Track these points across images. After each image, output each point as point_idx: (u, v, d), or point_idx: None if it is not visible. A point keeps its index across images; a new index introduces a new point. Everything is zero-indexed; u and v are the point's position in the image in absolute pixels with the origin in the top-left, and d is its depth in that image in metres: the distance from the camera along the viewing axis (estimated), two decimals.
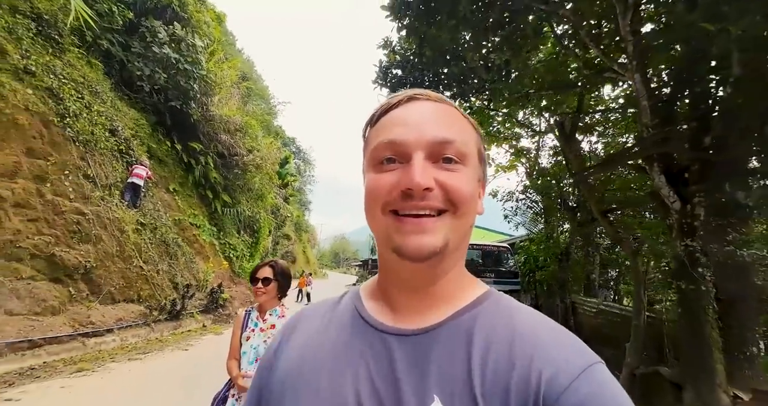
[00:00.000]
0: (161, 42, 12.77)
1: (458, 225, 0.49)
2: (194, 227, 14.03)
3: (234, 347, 2.17)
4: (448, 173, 0.48)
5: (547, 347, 0.44)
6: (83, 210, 7.86)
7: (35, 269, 6.62)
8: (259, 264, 2.29)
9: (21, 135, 7.23)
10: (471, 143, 0.52)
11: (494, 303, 0.51)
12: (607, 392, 0.41)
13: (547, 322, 0.48)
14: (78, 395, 4.45)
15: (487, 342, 0.45)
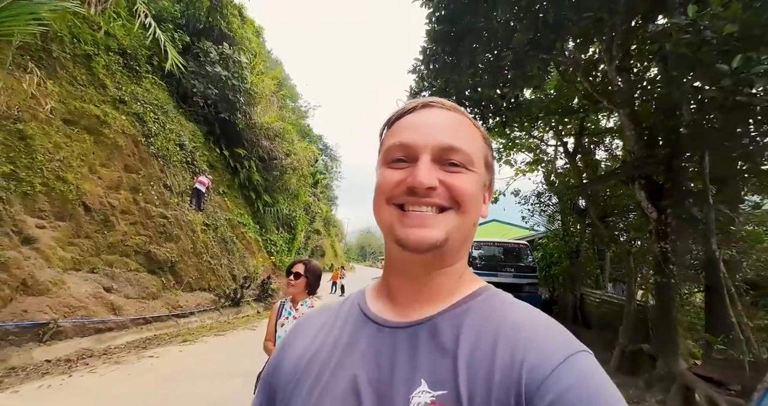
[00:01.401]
0: (213, 61, 14.47)
1: (460, 223, 0.52)
2: (242, 225, 15.82)
3: (270, 331, 2.55)
4: (452, 175, 0.52)
5: (531, 338, 0.45)
6: (166, 214, 9.62)
7: (138, 262, 8.40)
8: (295, 260, 2.66)
9: (120, 154, 9.00)
10: (477, 152, 0.56)
11: (489, 298, 0.54)
12: (591, 382, 0.41)
13: (537, 315, 0.50)
14: (194, 356, 6.09)
15: (476, 333, 0.48)
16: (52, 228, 6.82)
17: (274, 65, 26.84)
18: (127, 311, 7.27)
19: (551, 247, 10.61)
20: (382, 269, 0.64)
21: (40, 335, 5.43)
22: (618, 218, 6.98)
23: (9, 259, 5.63)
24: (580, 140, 6.96)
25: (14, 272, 5.63)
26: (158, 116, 10.83)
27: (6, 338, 5.04)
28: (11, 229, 5.99)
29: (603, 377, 0.43)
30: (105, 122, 8.79)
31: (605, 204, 6.95)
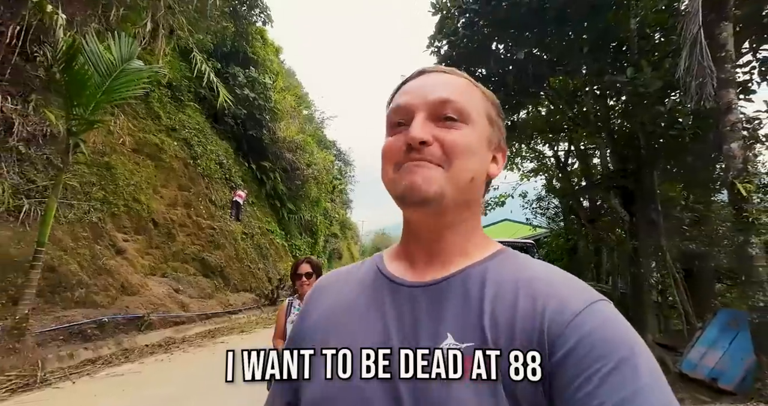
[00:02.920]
0: (241, 84, 16.09)
1: (455, 178, 0.51)
2: (270, 233, 17.41)
3: (279, 329, 2.60)
4: (447, 130, 0.51)
5: (552, 286, 0.46)
6: (213, 226, 11.22)
7: (195, 268, 9.98)
8: (297, 262, 2.71)
9: (175, 176, 10.62)
10: (476, 104, 0.54)
11: (508, 257, 0.54)
12: (614, 324, 0.42)
13: (556, 270, 0.50)
14: (255, 342, 7.58)
15: (496, 287, 0.48)
16: (133, 241, 8.43)
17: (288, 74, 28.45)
18: (192, 308, 8.83)
19: (554, 245, 11.83)
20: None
21: (139, 326, 6.99)
22: (603, 220, 8.20)
23: (111, 267, 7.23)
24: (568, 154, 8.20)
25: (116, 276, 7.22)
26: (201, 139, 12.47)
27: (118, 328, 6.60)
28: (108, 243, 7.59)
29: (625, 322, 0.44)
30: (162, 149, 10.43)
31: (592, 208, 8.18)
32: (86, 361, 5.64)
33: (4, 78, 6.40)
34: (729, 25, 3.87)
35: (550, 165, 11.07)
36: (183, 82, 12.71)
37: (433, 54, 6.43)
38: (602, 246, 10.71)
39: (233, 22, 15.39)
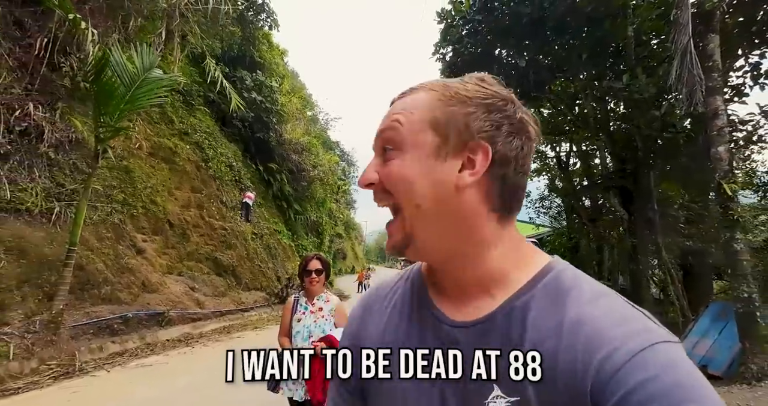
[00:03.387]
0: (248, 87, 16.48)
1: (408, 213, 0.47)
2: (277, 233, 17.78)
3: (284, 326, 2.51)
4: (384, 165, 0.49)
5: (598, 331, 0.40)
6: (225, 226, 11.60)
7: (209, 267, 10.36)
8: (306, 258, 2.59)
9: (188, 178, 11.01)
10: (416, 120, 0.48)
11: (552, 282, 0.47)
12: (672, 373, 0.36)
13: (606, 301, 0.43)
14: (269, 337, 7.93)
15: (538, 333, 0.44)
16: (151, 241, 8.82)
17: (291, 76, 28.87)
18: (207, 305, 9.21)
19: (556, 244, 12.13)
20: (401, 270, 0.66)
21: (160, 322, 7.37)
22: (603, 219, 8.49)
23: (133, 265, 7.61)
24: (569, 155, 8.52)
25: (137, 275, 7.61)
26: (211, 142, 12.87)
27: (141, 323, 6.98)
28: (129, 243, 7.98)
29: (686, 371, 0.37)
30: (176, 152, 10.82)
31: (593, 207, 8.48)
32: (114, 354, 6.02)
33: (33, 88, 6.80)
34: (716, 36, 4.18)
35: (552, 165, 11.39)
36: (194, 87, 13.11)
37: (439, 61, 6.78)
38: (603, 244, 11.00)
39: (240, 26, 15.79)
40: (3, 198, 5.60)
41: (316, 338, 2.36)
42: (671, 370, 0.37)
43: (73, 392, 4.20)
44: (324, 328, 2.44)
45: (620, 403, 0.36)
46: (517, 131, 0.48)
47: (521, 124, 0.48)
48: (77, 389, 4.30)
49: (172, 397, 3.94)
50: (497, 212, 0.48)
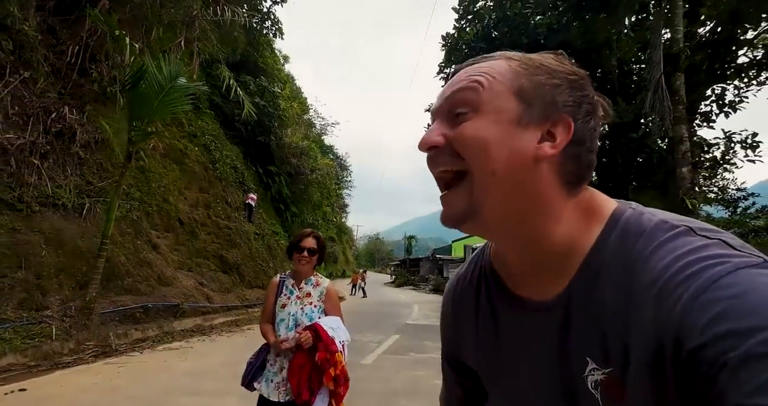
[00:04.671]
0: (252, 92, 17.09)
1: (479, 180, 0.44)
2: (275, 234, 18.31)
3: (267, 311, 2.23)
4: (455, 127, 0.46)
5: (669, 278, 0.38)
6: (230, 226, 12.15)
7: (215, 264, 10.90)
8: (302, 233, 2.29)
9: (196, 179, 11.57)
10: (495, 85, 0.46)
11: (619, 244, 0.44)
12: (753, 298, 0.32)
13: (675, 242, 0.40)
14: None
15: (615, 297, 0.42)
16: (164, 238, 9.36)
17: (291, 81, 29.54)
18: (215, 300, 9.75)
19: None
20: (391, 274, 1.71)
21: (175, 313, 7.91)
22: None
23: (150, 260, 8.15)
24: None
25: (153, 269, 8.15)
26: (218, 145, 13.45)
27: (159, 313, 7.52)
28: (146, 239, 8.52)
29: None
30: (185, 154, 11.39)
31: None
32: (137, 340, 6.56)
33: (66, 92, 7.36)
34: (681, 75, 4.99)
35: None
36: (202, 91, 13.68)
37: (443, 79, 7.48)
38: None
39: (245, 32, 16.44)
40: (44, 194, 6.15)
41: (303, 328, 2.09)
42: (755, 290, 0.32)
43: (120, 367, 4.77)
44: (312, 316, 2.16)
45: (693, 335, 0.33)
46: (593, 111, 0.47)
47: (596, 105, 0.47)
48: (122, 365, 4.86)
49: (213, 369, 4.52)
50: (569, 187, 0.46)
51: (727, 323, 0.32)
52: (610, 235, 0.45)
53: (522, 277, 0.52)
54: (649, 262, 0.40)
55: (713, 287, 0.34)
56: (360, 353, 6.41)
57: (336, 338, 2.07)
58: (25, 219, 5.80)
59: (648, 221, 0.44)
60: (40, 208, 6.06)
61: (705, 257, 0.37)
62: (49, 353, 5.08)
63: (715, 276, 0.35)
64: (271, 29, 17.70)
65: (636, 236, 0.43)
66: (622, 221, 0.45)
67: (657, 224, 0.43)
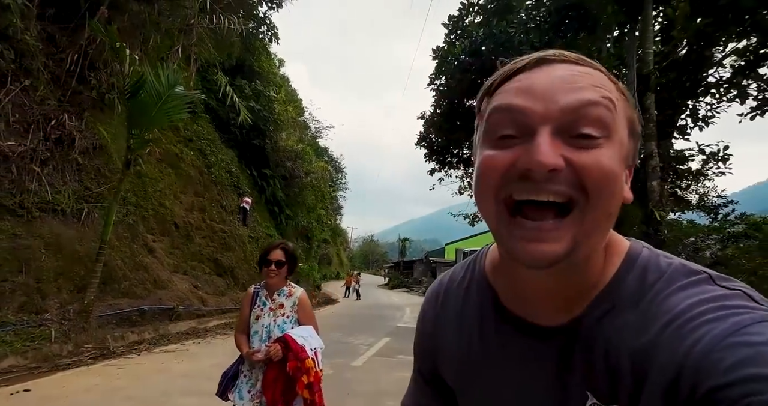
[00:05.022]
0: (247, 96, 17.28)
1: (594, 221, 0.39)
2: (270, 237, 18.46)
3: (242, 322, 2.28)
4: (582, 151, 0.38)
5: (685, 322, 0.37)
6: (224, 229, 12.34)
7: (210, 268, 11.08)
8: (270, 246, 2.30)
9: (191, 183, 11.75)
10: (619, 115, 0.40)
11: (636, 275, 0.43)
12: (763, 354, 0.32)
13: (694, 289, 0.40)
14: None
15: (628, 334, 0.41)
16: (159, 242, 9.54)
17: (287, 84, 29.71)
18: (210, 303, 9.94)
19: None
20: (387, 277, 1.80)
21: (170, 316, 8.09)
22: None
23: (146, 264, 8.33)
24: None
25: (149, 272, 8.33)
26: (213, 149, 13.63)
27: (154, 316, 7.70)
28: (142, 243, 8.70)
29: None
30: (181, 158, 11.57)
31: None
32: (133, 342, 6.74)
33: (65, 99, 7.54)
34: (652, 95, 5.31)
35: None
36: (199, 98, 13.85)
37: (433, 90, 7.80)
38: None
39: (241, 39, 16.64)
40: (44, 199, 6.33)
41: (272, 340, 2.12)
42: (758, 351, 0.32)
43: (119, 368, 4.97)
44: (284, 327, 2.18)
45: (714, 374, 0.33)
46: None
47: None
48: (121, 366, 5.06)
49: (206, 371, 4.71)
50: None
51: (756, 367, 0.31)
52: (628, 272, 0.44)
53: (531, 300, 0.48)
54: (669, 303, 0.39)
55: (741, 332, 0.34)
56: (351, 355, 6.64)
57: (307, 345, 2.09)
58: (26, 224, 5.98)
59: (667, 265, 0.43)
60: (40, 213, 6.24)
61: (729, 305, 0.37)
62: (48, 355, 5.27)
63: (743, 322, 0.35)
64: (267, 34, 17.91)
65: (656, 277, 0.42)
66: (641, 259, 0.45)
67: (677, 267, 0.43)
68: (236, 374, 2.23)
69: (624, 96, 0.43)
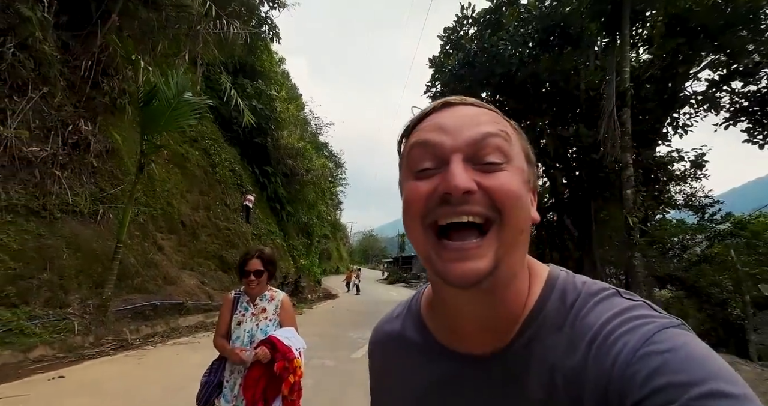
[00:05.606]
0: (249, 95, 17.65)
1: (510, 237, 0.44)
2: (270, 233, 18.96)
3: (222, 326, 2.31)
4: (491, 175, 0.44)
5: (607, 334, 0.41)
6: (228, 227, 12.82)
7: (215, 264, 11.58)
8: (246, 256, 2.31)
9: (197, 182, 12.20)
10: (515, 144, 0.48)
11: (560, 302, 0.47)
12: (682, 351, 0.37)
13: (608, 302, 0.45)
14: None
15: (555, 354, 0.44)
16: (168, 240, 10.02)
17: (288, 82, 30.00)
18: (216, 298, 10.44)
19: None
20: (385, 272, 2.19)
21: (180, 310, 8.60)
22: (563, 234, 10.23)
23: (156, 261, 8.82)
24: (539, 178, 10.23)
25: (160, 269, 8.82)
26: (217, 149, 14.06)
27: (165, 311, 8.21)
28: (152, 241, 9.18)
29: (701, 344, 0.39)
30: (187, 158, 12.01)
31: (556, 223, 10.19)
32: (147, 335, 7.26)
33: (80, 105, 7.97)
34: (628, 110, 5.76)
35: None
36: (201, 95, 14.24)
37: (429, 98, 8.23)
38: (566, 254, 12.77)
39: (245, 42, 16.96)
40: (64, 202, 6.79)
41: (258, 342, 2.18)
42: (683, 347, 0.37)
43: (138, 358, 5.47)
44: (267, 331, 2.24)
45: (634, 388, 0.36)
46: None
47: None
48: (140, 357, 5.57)
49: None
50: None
51: (664, 376, 0.35)
52: (549, 296, 0.47)
53: (463, 331, 0.51)
54: (588, 320, 0.43)
55: (649, 342, 0.38)
56: (350, 348, 7.16)
57: (292, 346, 2.14)
58: (49, 225, 6.45)
59: (581, 284, 0.48)
60: (61, 215, 6.70)
61: (636, 316, 0.41)
62: (73, 346, 5.77)
63: (649, 333, 0.39)
64: (269, 34, 18.23)
65: (574, 297, 0.46)
66: (559, 282, 0.48)
67: (589, 286, 0.47)
68: (220, 383, 2.24)
69: (517, 131, 0.50)
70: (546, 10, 6.48)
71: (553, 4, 6.49)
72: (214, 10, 10.03)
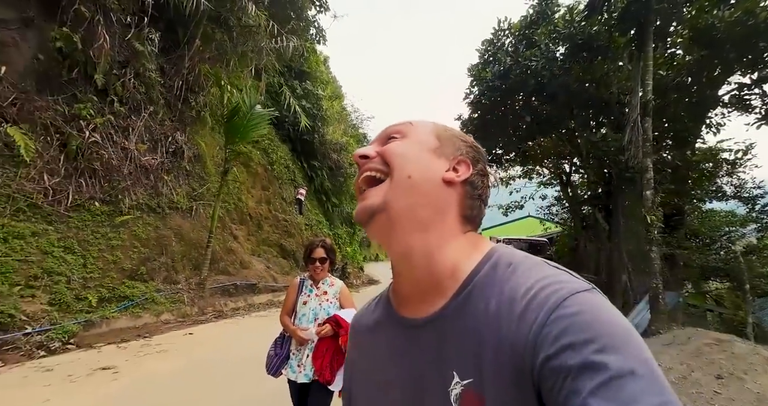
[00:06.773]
0: (298, 96, 19.16)
1: (400, 187, 0.54)
2: (319, 223, 20.62)
3: (288, 306, 2.63)
4: (386, 145, 0.59)
5: (531, 297, 0.45)
6: (285, 218, 14.49)
7: (276, 251, 13.29)
8: (312, 245, 2.63)
9: (259, 179, 13.89)
10: (422, 129, 0.61)
11: (491, 270, 0.52)
12: (589, 314, 0.41)
13: (535, 269, 0.49)
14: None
15: (484, 314, 0.48)
16: (239, 230, 11.76)
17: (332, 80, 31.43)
18: (280, 280, 12.13)
19: (562, 244, 14.44)
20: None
21: (254, 290, 10.29)
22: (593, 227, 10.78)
23: (233, 248, 10.54)
24: (570, 173, 10.86)
25: (236, 255, 10.54)
26: (273, 148, 15.72)
27: (243, 290, 9.91)
28: (229, 232, 10.90)
29: (611, 308, 0.43)
30: (250, 158, 13.70)
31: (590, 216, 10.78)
32: (233, 309, 8.95)
33: (175, 119, 9.67)
34: (649, 119, 6.40)
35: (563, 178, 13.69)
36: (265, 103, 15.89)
37: (469, 105, 9.18)
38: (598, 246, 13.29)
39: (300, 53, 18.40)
40: (171, 200, 8.52)
41: (321, 320, 2.45)
42: (591, 309, 0.42)
43: (234, 324, 7.09)
44: (329, 310, 2.52)
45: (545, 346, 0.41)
46: (485, 172, 0.61)
47: (486, 174, 0.61)
48: (235, 324, 7.17)
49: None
50: (464, 220, 0.57)
51: (569, 336, 0.40)
52: (484, 264, 0.53)
53: (407, 296, 0.58)
54: (511, 284, 0.48)
55: (561, 306, 0.42)
56: None
57: None
58: (162, 219, 8.19)
59: (515, 255, 0.54)
60: (169, 211, 8.44)
61: (556, 281, 0.46)
62: (185, 313, 7.49)
63: (562, 297, 0.43)
64: (316, 37, 19.55)
65: (505, 265, 0.52)
66: (496, 254, 0.54)
67: (521, 257, 0.53)
68: (288, 354, 2.53)
69: (440, 126, 0.63)
70: (575, 30, 7.16)
71: (581, 24, 7.15)
72: (276, 28, 11.43)
